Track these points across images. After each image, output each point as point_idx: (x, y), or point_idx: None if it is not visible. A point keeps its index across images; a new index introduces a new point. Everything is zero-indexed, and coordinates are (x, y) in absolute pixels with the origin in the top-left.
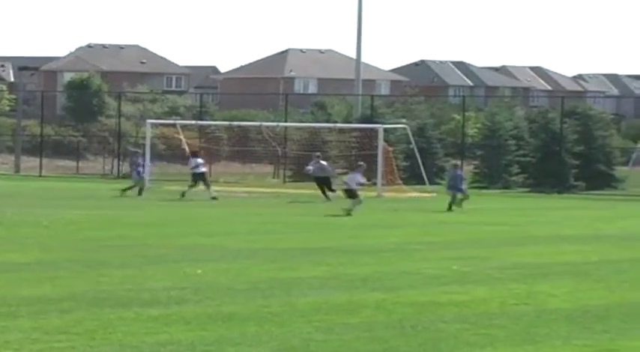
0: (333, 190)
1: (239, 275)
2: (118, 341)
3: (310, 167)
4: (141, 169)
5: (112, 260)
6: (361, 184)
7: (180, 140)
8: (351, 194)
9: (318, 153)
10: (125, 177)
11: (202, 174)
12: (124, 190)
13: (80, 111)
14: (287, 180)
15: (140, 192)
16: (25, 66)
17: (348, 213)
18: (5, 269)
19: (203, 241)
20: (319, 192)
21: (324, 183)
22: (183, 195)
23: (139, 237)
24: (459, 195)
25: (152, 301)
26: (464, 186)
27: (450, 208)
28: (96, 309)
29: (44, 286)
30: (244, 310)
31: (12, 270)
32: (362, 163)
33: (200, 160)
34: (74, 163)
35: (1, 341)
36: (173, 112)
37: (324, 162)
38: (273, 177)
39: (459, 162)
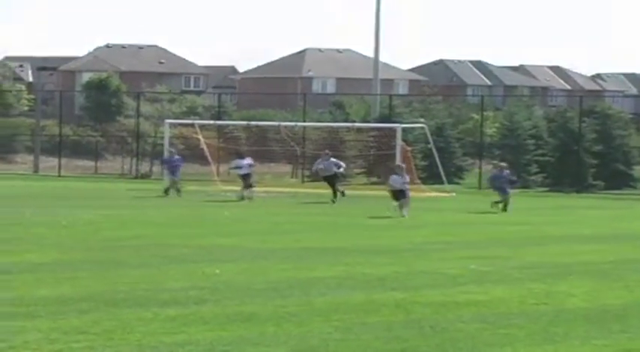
0: (336, 190)
1: (257, 275)
2: (137, 342)
3: (321, 166)
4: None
5: (130, 260)
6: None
7: (199, 140)
8: (401, 195)
9: (327, 151)
10: (143, 176)
11: (245, 175)
12: (178, 191)
13: (99, 111)
14: (305, 179)
15: (167, 192)
16: (44, 66)
17: (402, 215)
18: (24, 270)
19: (221, 241)
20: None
21: (332, 181)
22: (250, 199)
23: (157, 237)
24: (501, 197)
25: (170, 301)
26: (507, 188)
27: (505, 209)
28: (114, 309)
29: (62, 286)
30: (263, 310)
31: (30, 270)
32: (402, 164)
33: (244, 161)
34: (93, 163)
35: (19, 341)
36: (191, 112)
37: (334, 159)
38: (292, 177)
39: (504, 163)
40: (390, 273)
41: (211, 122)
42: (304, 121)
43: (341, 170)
